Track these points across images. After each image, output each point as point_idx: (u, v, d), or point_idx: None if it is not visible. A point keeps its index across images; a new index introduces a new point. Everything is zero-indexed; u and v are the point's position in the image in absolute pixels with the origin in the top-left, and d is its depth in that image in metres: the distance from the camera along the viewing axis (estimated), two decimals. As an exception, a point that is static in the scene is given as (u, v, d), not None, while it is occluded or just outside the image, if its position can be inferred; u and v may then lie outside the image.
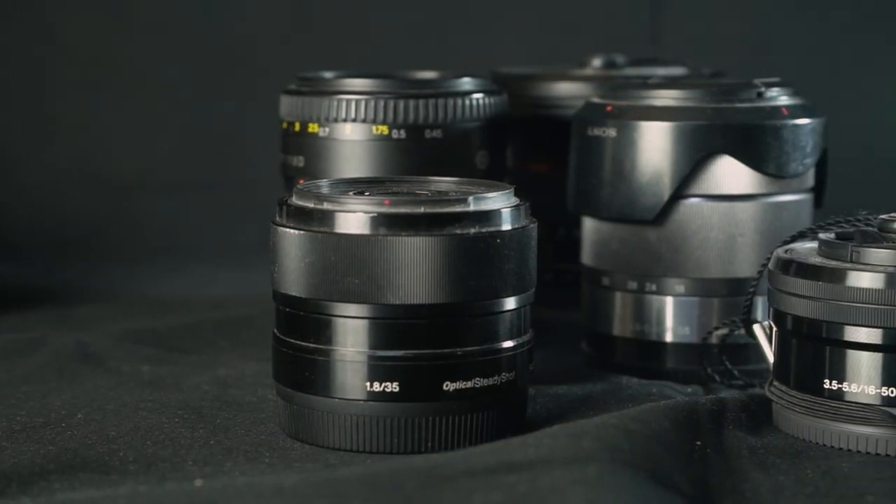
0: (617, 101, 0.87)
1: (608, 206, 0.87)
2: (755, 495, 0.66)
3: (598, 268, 0.89)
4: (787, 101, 0.86)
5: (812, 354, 0.74)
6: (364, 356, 0.72)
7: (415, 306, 0.71)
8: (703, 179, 0.85)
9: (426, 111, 0.86)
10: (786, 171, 0.85)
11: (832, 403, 0.73)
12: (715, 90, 0.85)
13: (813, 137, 0.86)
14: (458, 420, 0.73)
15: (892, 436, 0.72)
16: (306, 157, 0.87)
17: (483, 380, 0.73)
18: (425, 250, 0.71)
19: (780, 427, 0.76)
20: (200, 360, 0.91)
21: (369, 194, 0.75)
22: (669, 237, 0.86)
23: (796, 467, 0.70)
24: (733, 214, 0.85)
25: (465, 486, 0.62)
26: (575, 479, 0.61)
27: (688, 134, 0.84)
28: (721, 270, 0.86)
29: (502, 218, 0.73)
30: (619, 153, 0.86)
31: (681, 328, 0.87)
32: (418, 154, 0.86)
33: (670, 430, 0.70)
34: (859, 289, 0.72)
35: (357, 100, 0.86)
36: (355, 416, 0.72)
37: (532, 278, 0.75)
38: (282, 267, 0.74)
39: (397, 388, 0.72)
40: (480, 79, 0.90)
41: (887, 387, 0.72)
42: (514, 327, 0.75)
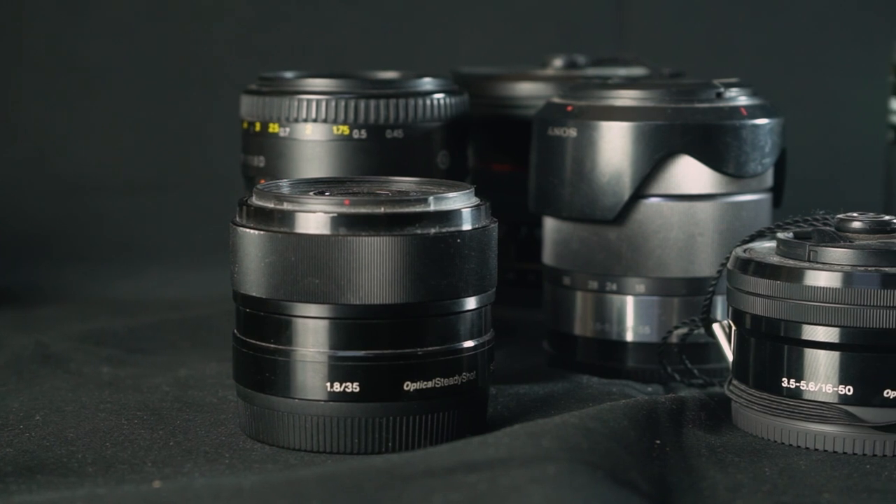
0: (577, 101, 0.87)
1: (569, 206, 0.87)
2: (713, 493, 0.66)
3: (559, 267, 0.89)
4: (745, 102, 0.87)
5: (770, 353, 0.75)
6: (324, 356, 0.72)
7: (375, 306, 0.71)
8: (662, 179, 0.85)
9: (387, 111, 0.86)
10: (745, 171, 0.86)
11: (790, 402, 0.74)
12: (674, 90, 0.86)
13: (772, 137, 0.87)
14: (419, 420, 0.73)
15: (848, 434, 0.72)
16: (267, 158, 0.87)
17: (444, 380, 0.73)
18: (385, 250, 0.71)
19: (739, 425, 0.77)
20: (161, 360, 0.91)
21: (329, 194, 0.75)
22: (630, 237, 0.86)
23: (754, 465, 0.70)
24: (693, 214, 0.86)
25: (424, 486, 0.62)
26: (534, 478, 0.61)
27: (647, 134, 0.85)
28: (681, 270, 0.86)
29: (462, 218, 0.73)
30: (580, 153, 0.86)
31: (641, 327, 0.87)
32: (379, 154, 0.86)
33: (629, 428, 0.71)
34: (817, 288, 0.72)
35: (318, 100, 0.85)
36: (316, 417, 0.72)
37: (493, 278, 0.76)
38: (241, 267, 0.74)
39: (357, 389, 0.72)
40: (441, 79, 0.90)
41: (844, 385, 0.72)
42: (475, 327, 0.75)
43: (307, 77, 0.88)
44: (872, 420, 0.72)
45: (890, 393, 0.72)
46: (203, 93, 1.33)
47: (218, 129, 1.22)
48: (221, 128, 1.12)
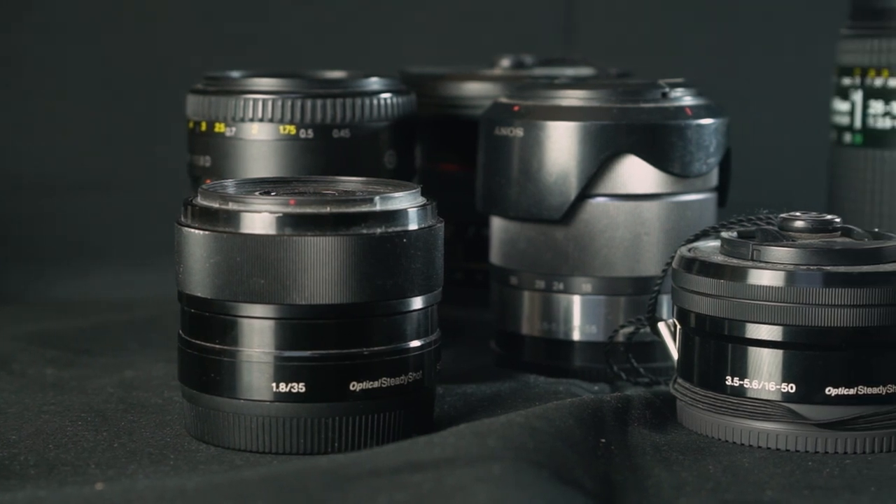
0: (524, 101, 0.88)
1: (516, 206, 0.87)
2: (658, 491, 0.67)
3: (507, 267, 0.89)
4: (691, 102, 0.87)
5: (714, 352, 0.75)
6: (270, 357, 0.72)
7: (321, 306, 0.71)
8: (609, 179, 0.86)
9: (334, 111, 0.86)
10: (690, 171, 0.86)
11: (734, 400, 0.74)
12: (620, 90, 0.86)
13: (716, 137, 0.87)
14: (365, 420, 0.73)
15: (791, 431, 0.73)
16: (213, 157, 0.87)
17: (390, 379, 0.73)
18: (331, 250, 0.71)
19: (684, 424, 0.77)
20: (106, 362, 0.90)
21: (275, 194, 0.75)
22: (576, 236, 0.86)
23: (698, 463, 0.71)
24: (639, 213, 0.86)
25: (370, 486, 0.62)
26: (479, 478, 0.62)
27: (593, 134, 0.85)
28: (627, 269, 0.87)
29: (409, 217, 0.73)
30: (527, 153, 0.87)
31: (588, 326, 0.87)
32: (326, 154, 0.86)
33: (575, 427, 0.71)
34: (760, 286, 0.73)
35: (264, 99, 0.85)
36: (261, 418, 0.72)
37: (439, 278, 0.76)
38: (186, 268, 0.73)
39: (303, 389, 0.72)
40: (388, 78, 0.90)
41: (787, 383, 0.73)
42: (421, 327, 0.75)
43: (253, 77, 0.88)
44: (814, 417, 0.73)
45: (832, 391, 0.72)
46: (149, 92, 1.32)
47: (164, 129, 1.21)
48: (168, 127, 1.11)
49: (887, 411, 0.73)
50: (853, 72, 0.96)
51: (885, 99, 0.95)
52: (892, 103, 0.95)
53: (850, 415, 0.72)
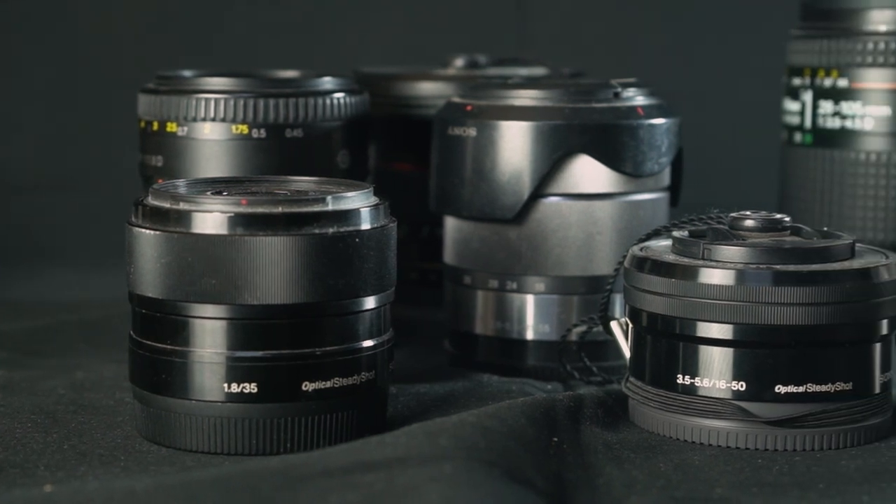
0: (477, 100, 0.88)
1: (469, 206, 0.88)
2: (609, 490, 0.67)
3: (460, 266, 0.90)
4: (642, 102, 0.88)
5: (666, 350, 0.76)
6: (222, 357, 0.72)
7: (273, 306, 0.71)
8: (561, 178, 0.86)
9: (286, 110, 0.85)
10: (642, 170, 0.87)
11: (685, 398, 0.75)
12: (573, 90, 0.87)
13: (668, 137, 0.88)
14: (318, 420, 0.73)
15: (741, 429, 0.73)
16: (165, 157, 0.86)
17: (342, 379, 0.73)
18: (283, 250, 0.71)
19: (636, 422, 0.78)
20: (57, 363, 0.90)
21: (227, 194, 0.74)
22: (529, 236, 0.87)
23: (650, 461, 0.71)
24: (591, 213, 0.87)
25: (321, 487, 0.62)
26: (431, 477, 0.62)
27: (546, 133, 0.85)
28: (580, 268, 0.87)
29: (361, 217, 0.73)
30: (479, 153, 0.87)
31: (541, 326, 0.88)
32: (279, 153, 0.86)
33: (527, 426, 0.71)
34: (710, 285, 0.73)
35: (216, 99, 0.85)
36: (213, 418, 0.72)
37: (392, 277, 0.76)
38: (137, 268, 0.73)
39: (255, 389, 0.72)
40: (341, 78, 0.90)
41: (737, 381, 0.73)
42: (374, 326, 0.75)
43: (205, 76, 0.87)
44: (764, 415, 0.73)
45: (781, 388, 0.73)
46: (101, 91, 1.31)
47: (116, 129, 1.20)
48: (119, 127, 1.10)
49: (836, 409, 0.73)
50: (803, 72, 0.97)
51: (834, 99, 0.96)
52: (842, 103, 0.95)
53: (799, 412, 0.73)
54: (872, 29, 0.95)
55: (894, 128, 0.94)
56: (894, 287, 0.74)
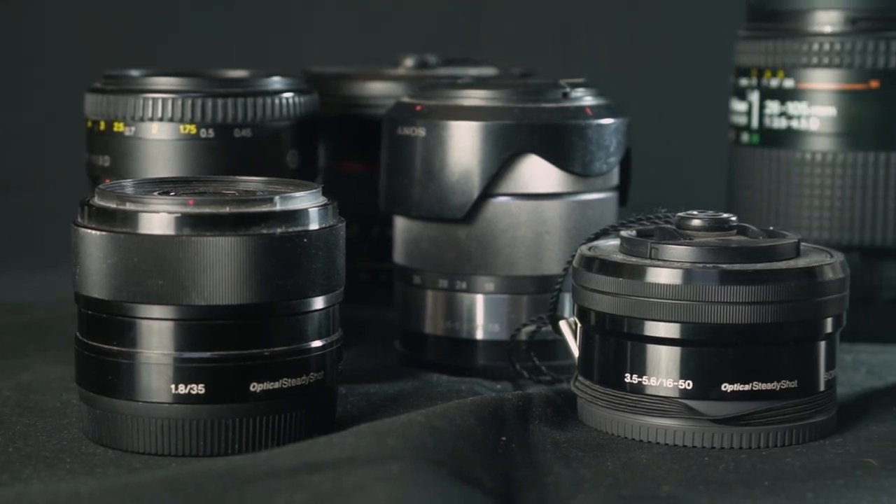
0: (426, 100, 0.88)
1: (419, 205, 0.88)
2: (556, 488, 0.67)
3: (410, 266, 0.90)
4: (591, 102, 0.88)
5: (614, 349, 0.76)
6: (169, 358, 0.71)
7: (220, 307, 0.71)
8: (510, 178, 0.86)
9: (235, 110, 0.85)
10: (590, 170, 0.87)
11: (633, 397, 0.75)
12: (522, 90, 0.87)
13: (616, 137, 0.88)
14: (266, 421, 0.72)
15: (688, 427, 0.74)
16: (112, 157, 0.86)
17: (291, 380, 0.73)
18: (230, 250, 0.71)
19: (585, 421, 0.78)
20: (2, 364, 0.89)
21: (174, 194, 0.74)
22: (479, 235, 0.87)
23: (598, 460, 0.71)
24: (541, 213, 0.87)
25: (268, 488, 0.62)
26: (378, 477, 0.62)
27: (495, 133, 0.85)
28: (529, 268, 0.87)
29: (309, 217, 0.73)
30: (429, 152, 0.87)
31: (491, 325, 0.88)
32: (227, 153, 0.85)
33: (476, 426, 0.71)
34: (657, 284, 0.74)
35: (164, 98, 0.84)
36: (160, 420, 0.71)
37: (340, 277, 0.75)
38: (84, 269, 0.72)
39: (203, 390, 0.71)
40: (290, 78, 0.89)
41: (684, 380, 0.74)
42: (323, 327, 0.75)
43: (153, 76, 0.87)
44: (711, 413, 0.74)
45: (727, 387, 0.73)
46: (48, 91, 1.30)
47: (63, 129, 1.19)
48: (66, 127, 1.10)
49: (781, 407, 0.74)
50: (750, 72, 0.98)
51: (780, 99, 0.97)
52: (788, 104, 0.96)
53: (745, 410, 0.73)
54: (818, 30, 0.96)
55: (839, 128, 0.95)
56: (839, 286, 0.75)
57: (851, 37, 0.94)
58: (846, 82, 0.95)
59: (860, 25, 0.94)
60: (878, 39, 0.94)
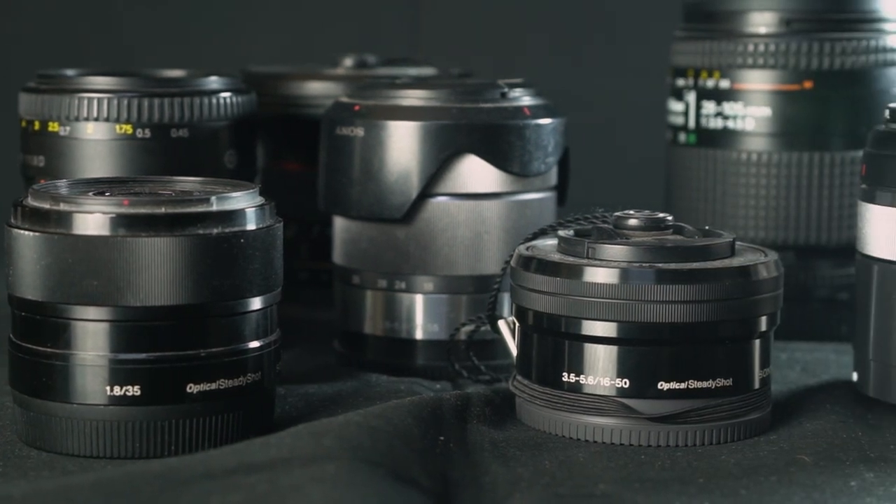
0: (364, 100, 0.88)
1: (357, 205, 0.88)
2: (494, 487, 0.67)
3: (349, 266, 0.89)
4: (529, 102, 0.88)
5: (552, 349, 0.76)
6: (104, 360, 0.71)
7: (156, 308, 0.70)
8: (449, 178, 0.87)
9: (171, 110, 0.85)
10: (529, 170, 0.87)
11: (570, 396, 0.75)
12: (460, 90, 0.87)
13: (555, 137, 0.89)
14: (203, 422, 0.72)
15: (625, 426, 0.74)
16: (47, 157, 0.85)
17: (228, 381, 0.73)
18: (166, 251, 0.70)
19: (523, 420, 0.78)
20: (-64, 367, 0.88)
21: (109, 195, 0.74)
22: (418, 235, 0.87)
23: (535, 459, 0.72)
24: (479, 212, 0.87)
25: (203, 489, 0.61)
26: (314, 478, 0.61)
27: (433, 133, 0.85)
28: (468, 268, 0.87)
29: (246, 217, 0.73)
30: (367, 152, 0.87)
31: (430, 325, 0.88)
32: (164, 154, 0.85)
33: (413, 426, 0.71)
34: (594, 284, 0.74)
35: (99, 98, 0.84)
36: (95, 422, 0.71)
37: (278, 278, 0.75)
38: (17, 270, 0.72)
39: (139, 392, 0.71)
40: (228, 77, 0.89)
41: (621, 378, 0.74)
42: (260, 327, 0.74)
43: (88, 75, 0.86)
44: (647, 412, 0.74)
45: (663, 385, 0.74)
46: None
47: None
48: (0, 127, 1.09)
49: (716, 404, 0.75)
50: (687, 73, 0.99)
51: (716, 100, 0.97)
52: (724, 104, 0.97)
53: (681, 409, 0.74)
54: (753, 31, 0.96)
55: (774, 128, 0.96)
56: (773, 284, 0.76)
57: (786, 38, 0.95)
58: (781, 83, 0.96)
59: (794, 27, 0.96)
60: (812, 41, 0.95)
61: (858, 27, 0.96)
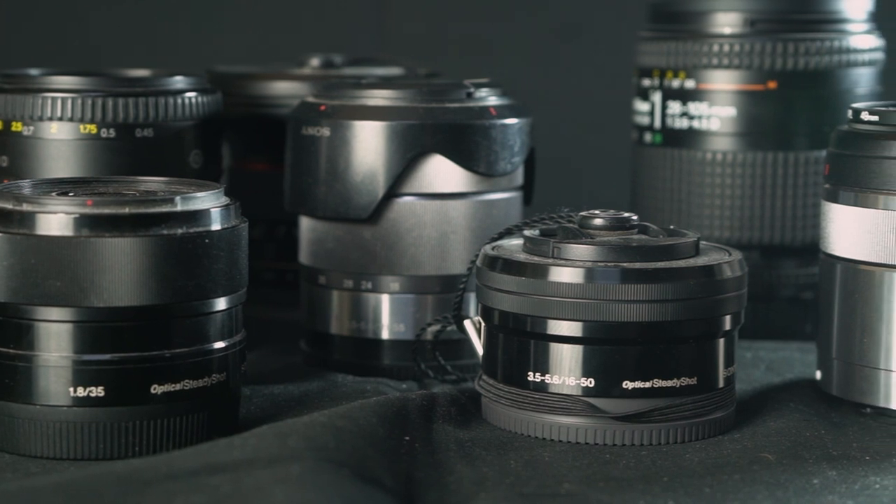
0: (330, 100, 0.88)
1: (323, 205, 0.87)
2: (459, 487, 0.67)
3: (315, 266, 0.89)
4: (495, 102, 0.88)
5: (517, 348, 0.76)
6: (68, 361, 0.70)
7: (120, 309, 0.70)
8: (415, 178, 0.87)
9: (136, 110, 0.84)
10: (495, 170, 0.88)
11: (535, 395, 0.76)
12: (426, 90, 0.87)
13: (521, 136, 0.89)
14: (168, 423, 0.72)
15: (590, 425, 0.75)
16: (10, 157, 0.85)
17: (193, 381, 0.72)
18: (130, 251, 0.70)
19: (489, 420, 0.78)
20: None
21: (73, 195, 0.73)
22: (384, 235, 0.87)
23: (500, 458, 0.72)
24: (445, 212, 0.87)
25: (166, 490, 0.61)
26: (278, 478, 0.61)
27: (399, 133, 0.85)
28: (434, 268, 0.87)
29: (211, 218, 0.73)
30: (333, 152, 0.87)
31: (396, 325, 0.88)
32: (129, 154, 0.84)
33: (378, 426, 0.71)
34: (560, 283, 0.74)
35: (63, 98, 0.83)
36: (59, 423, 0.71)
37: (243, 278, 0.75)
38: (-21, 271, 0.71)
39: (103, 393, 0.70)
40: (194, 77, 0.89)
41: (586, 378, 0.75)
42: (225, 328, 0.74)
43: (53, 74, 0.86)
44: (612, 411, 0.74)
45: (628, 384, 0.74)
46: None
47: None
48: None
49: (681, 403, 0.75)
50: (652, 73, 0.99)
51: (682, 100, 0.98)
52: (689, 104, 0.98)
53: (645, 407, 0.74)
54: (717, 31, 0.97)
55: (739, 128, 0.97)
56: (737, 283, 0.76)
57: (750, 38, 0.96)
58: (745, 83, 0.96)
59: (759, 27, 0.96)
60: (776, 41, 0.96)
61: (822, 28, 0.96)
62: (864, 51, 0.97)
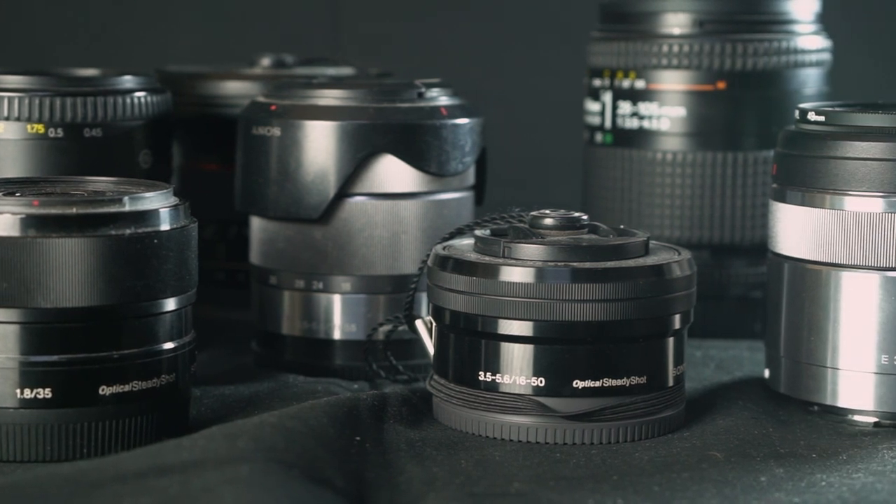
0: (281, 100, 0.87)
1: (274, 205, 0.87)
2: (409, 487, 0.67)
3: (266, 266, 0.89)
4: (446, 102, 0.88)
5: (468, 348, 0.76)
6: (14, 362, 0.70)
7: (68, 309, 0.70)
8: (366, 178, 0.86)
9: (84, 109, 0.84)
10: (446, 170, 0.88)
11: (486, 395, 0.76)
12: (377, 90, 0.87)
13: (472, 136, 0.89)
14: (117, 424, 0.71)
15: (541, 424, 0.75)
16: (-43, 157, 0.84)
17: (142, 383, 0.72)
18: (78, 252, 0.69)
19: (440, 420, 0.78)
20: None
21: (20, 195, 0.73)
22: (335, 235, 0.87)
23: (451, 458, 0.72)
24: (397, 212, 0.87)
25: (114, 492, 0.61)
26: (227, 479, 0.61)
27: (350, 133, 0.85)
28: (386, 267, 0.87)
29: (160, 218, 0.72)
30: (284, 152, 0.86)
31: (348, 325, 0.88)
32: (77, 153, 0.84)
33: (329, 426, 0.71)
34: (510, 283, 0.75)
35: (10, 97, 0.83)
36: (6, 426, 0.70)
37: (193, 278, 0.75)
38: (-75, 271, 0.70)
39: (50, 395, 0.70)
40: (143, 77, 0.88)
41: (537, 377, 0.75)
42: (175, 328, 0.74)
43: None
44: (563, 410, 0.75)
45: (579, 383, 0.75)
46: None
47: None
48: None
49: (631, 402, 0.75)
50: (603, 73, 1.00)
51: (632, 100, 0.98)
52: (640, 104, 0.98)
53: (596, 406, 0.75)
54: (667, 32, 0.97)
55: (689, 128, 0.97)
56: (686, 283, 0.77)
57: (699, 39, 0.96)
58: (694, 83, 0.97)
59: (707, 28, 0.97)
60: (725, 41, 0.96)
61: (770, 29, 0.97)
62: (811, 51, 0.98)
